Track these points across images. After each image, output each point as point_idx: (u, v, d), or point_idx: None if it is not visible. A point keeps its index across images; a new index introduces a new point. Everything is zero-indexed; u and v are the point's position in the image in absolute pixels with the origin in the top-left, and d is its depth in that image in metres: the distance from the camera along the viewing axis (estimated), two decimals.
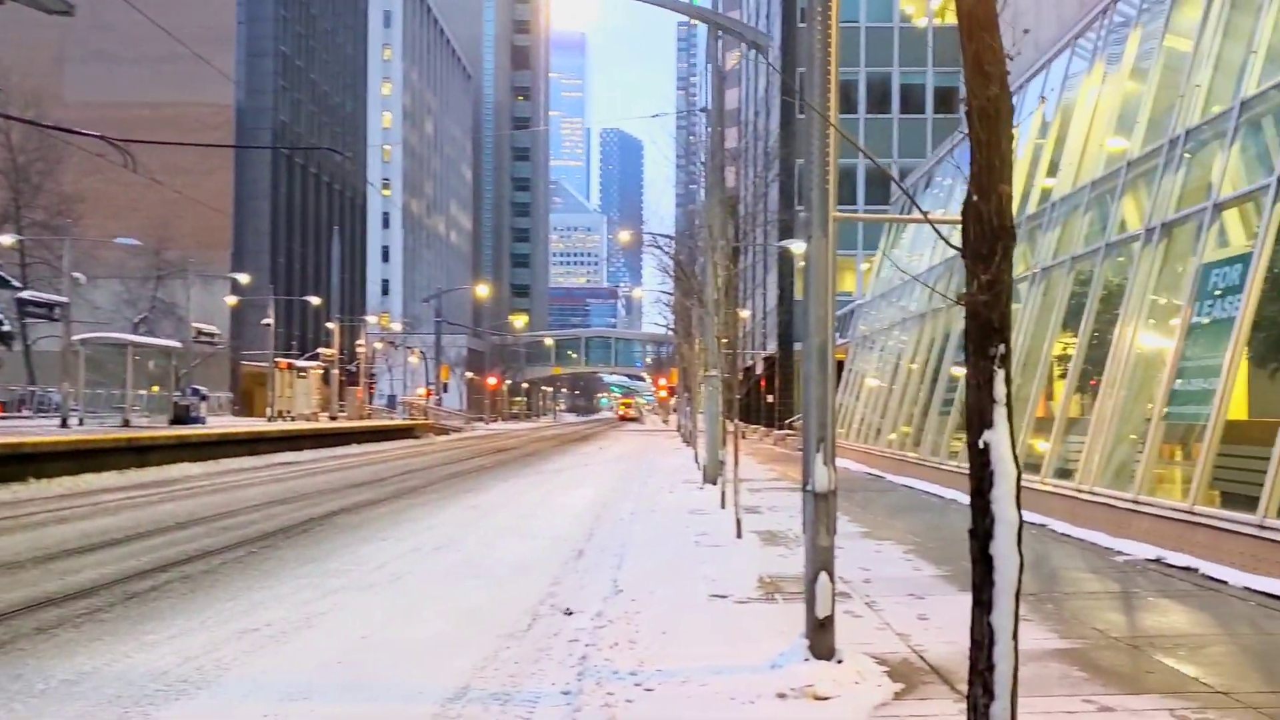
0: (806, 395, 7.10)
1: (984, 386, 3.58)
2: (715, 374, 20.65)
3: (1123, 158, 16.09)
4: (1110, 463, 13.98)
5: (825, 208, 7.02)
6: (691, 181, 47.47)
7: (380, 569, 12.27)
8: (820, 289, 7.03)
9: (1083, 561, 11.77)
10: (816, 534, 6.99)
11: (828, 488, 6.97)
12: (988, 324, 3.55)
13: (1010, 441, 3.65)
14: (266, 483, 25.28)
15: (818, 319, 7.01)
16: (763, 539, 14.06)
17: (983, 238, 3.51)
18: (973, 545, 3.70)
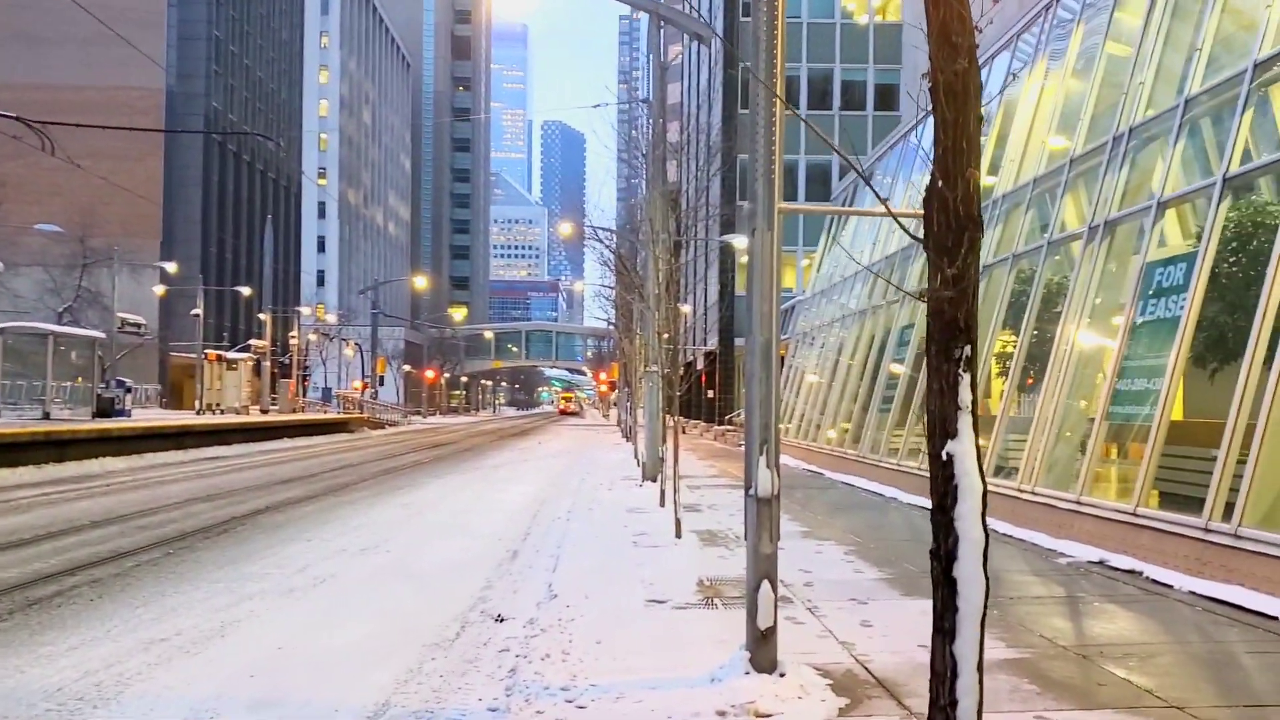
0: (750, 394, 6.75)
1: (947, 392, 3.25)
2: (656, 369, 20.29)
3: (1065, 155, 15.99)
4: (1052, 463, 13.85)
5: (770, 200, 6.68)
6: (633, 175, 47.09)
7: (302, 572, 11.74)
8: (765, 284, 6.69)
9: (1025, 564, 11.59)
10: (759, 540, 6.65)
11: (771, 492, 6.63)
12: (952, 323, 3.21)
13: (976, 453, 3.32)
14: (191, 479, 24.48)
15: (762, 315, 6.67)
16: (702, 539, 13.73)
17: (948, 228, 3.17)
18: (934, 567, 3.35)
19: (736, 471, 27.13)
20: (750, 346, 6.73)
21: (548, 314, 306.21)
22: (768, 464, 6.63)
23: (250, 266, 79.17)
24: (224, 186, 77.63)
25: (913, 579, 10.58)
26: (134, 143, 60.31)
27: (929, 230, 3.25)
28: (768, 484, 6.61)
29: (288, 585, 10.94)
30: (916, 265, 22.98)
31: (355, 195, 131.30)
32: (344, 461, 32.05)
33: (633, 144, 19.65)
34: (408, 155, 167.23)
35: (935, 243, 3.20)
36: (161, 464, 29.47)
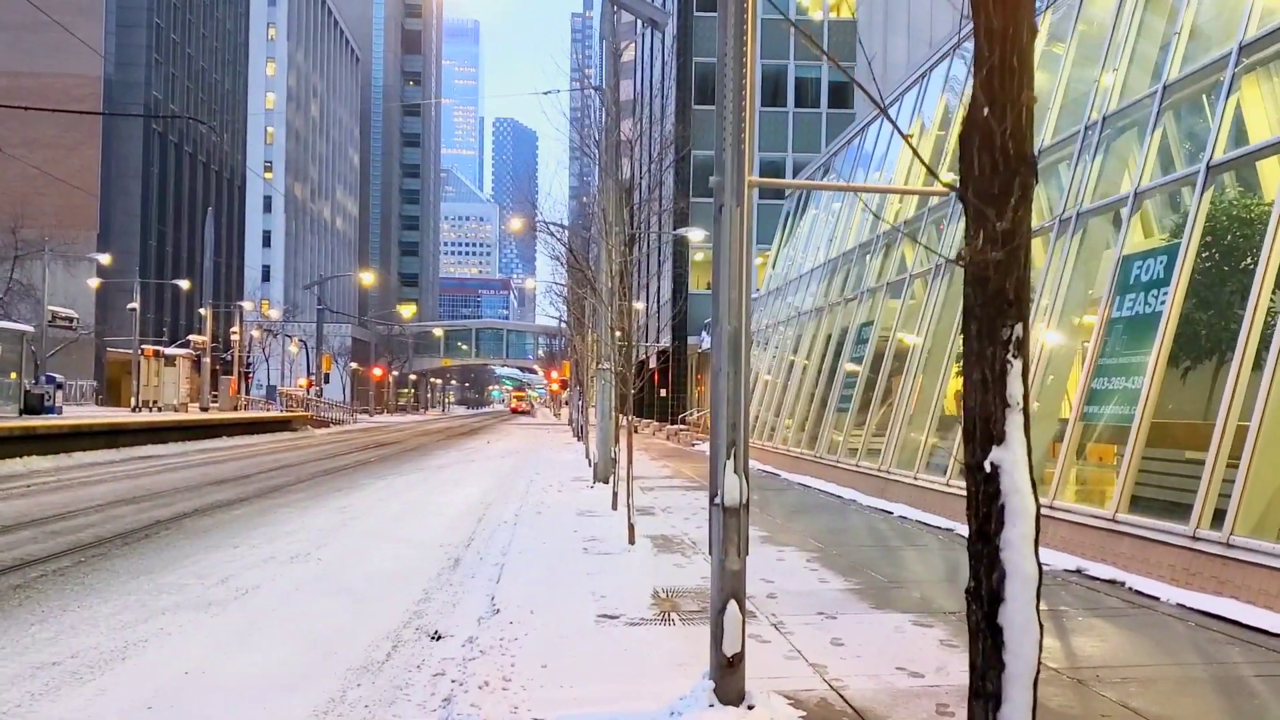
0: (715, 391, 5.98)
1: (992, 383, 2.50)
2: (608, 367, 19.49)
3: None
4: None
5: (739, 172, 5.93)
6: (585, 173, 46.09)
7: (224, 583, 10.81)
8: (733, 267, 5.93)
9: None
10: (725, 555, 5.89)
11: (739, 500, 5.87)
12: (999, 295, 2.47)
13: (1029, 464, 2.57)
14: (119, 479, 23.31)
15: (730, 301, 5.91)
16: (657, 545, 12.97)
17: (993, 171, 2.44)
18: (971, 611, 2.60)
19: (690, 472, 26.40)
20: (716, 337, 5.97)
21: (499, 312, 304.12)
22: (735, 469, 5.88)
23: (192, 260, 77.20)
24: (164, 178, 75.59)
25: (881, 590, 9.90)
26: (70, 131, 58.43)
27: (967, 174, 2.51)
28: (735, 491, 5.85)
29: (206, 598, 10.02)
30: (876, 260, 22.39)
31: (302, 190, 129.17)
32: (283, 461, 30.91)
33: (586, 133, 18.80)
34: (356, 150, 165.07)
35: (978, 189, 2.46)
36: (91, 463, 28.19)
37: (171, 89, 77.39)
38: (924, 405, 17.24)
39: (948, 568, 11.66)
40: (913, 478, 16.38)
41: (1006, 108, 2.44)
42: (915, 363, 17.92)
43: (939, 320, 17.65)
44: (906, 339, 19.33)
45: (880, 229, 22.48)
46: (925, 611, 8.86)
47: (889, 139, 24.23)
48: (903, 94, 24.37)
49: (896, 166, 23.11)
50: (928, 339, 17.70)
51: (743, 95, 5.83)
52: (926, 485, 15.70)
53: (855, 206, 25.80)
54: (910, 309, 19.44)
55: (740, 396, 5.89)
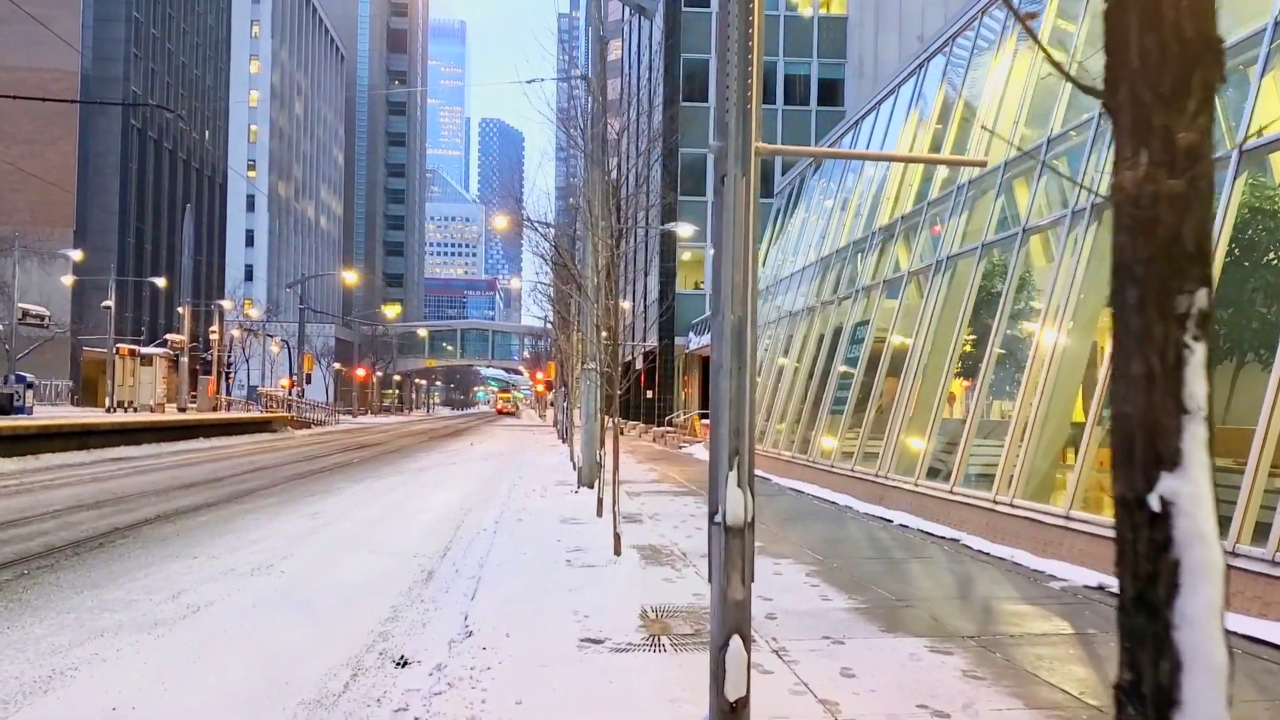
0: (716, 393, 5.17)
1: (1162, 378, 1.69)
2: (594, 366, 18.68)
3: (1044, 134, 14.67)
4: (1034, 472, 12.48)
5: (745, 136, 5.12)
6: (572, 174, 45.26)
7: (175, 599, 9.96)
8: (738, 247, 5.12)
9: (1015, 589, 10.17)
10: (728, 583, 5.08)
11: (744, 519, 5.07)
12: (1173, 243, 1.65)
13: (1213, 499, 1.76)
14: (84, 482, 22.39)
15: (734, 287, 5.10)
16: (644, 556, 12.16)
17: (1161, 60, 1.63)
18: (1129, 717, 1.75)
19: (678, 476, 25.61)
20: (717, 330, 5.16)
21: (484, 313, 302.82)
22: (739, 481, 5.07)
23: (171, 258, 76.04)
24: (143, 175, 74.40)
25: (890, 610, 9.10)
26: (47, 127, 57.30)
27: (1118, 69, 1.69)
28: (740, 508, 5.05)
29: (153, 617, 9.17)
30: (872, 258, 21.65)
31: (286, 188, 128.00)
32: (258, 464, 30.00)
33: (571, 121, 18.00)
34: (341, 149, 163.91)
35: (1139, 88, 1.65)
36: (58, 465, 27.26)
37: (151, 84, 76.22)
38: (924, 408, 16.48)
39: (958, 583, 10.88)
40: (913, 484, 15.61)
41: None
42: (914, 363, 17.16)
43: (939, 319, 16.90)
44: (904, 339, 18.58)
45: (876, 225, 21.73)
46: (940, 635, 8.07)
47: (884, 132, 23.49)
48: (898, 87, 23.67)
49: (889, 171, 22.36)
50: (927, 338, 16.95)
51: (749, 46, 5.03)
52: (928, 492, 14.93)
53: (850, 202, 25.06)
54: (908, 308, 18.69)
55: (745, 398, 5.09)
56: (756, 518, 16.10)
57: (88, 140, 67.77)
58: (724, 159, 5.13)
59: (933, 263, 17.59)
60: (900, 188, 21.18)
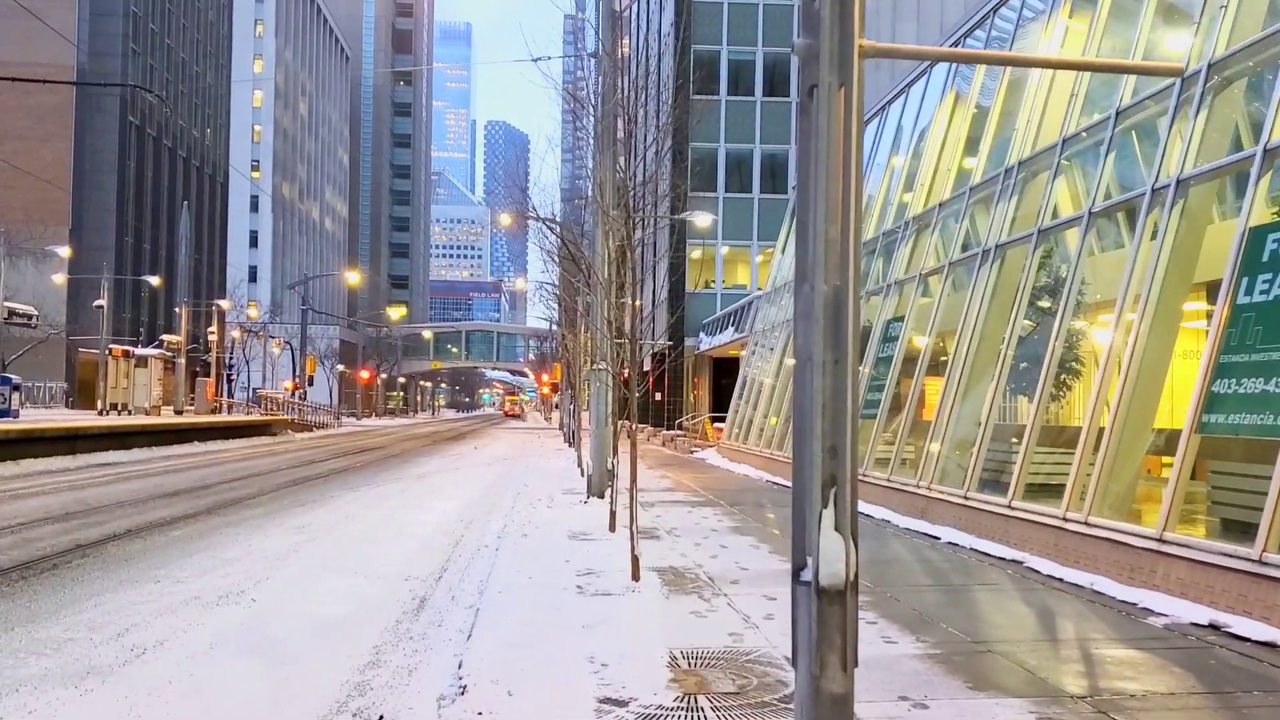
0: (802, 394, 3.64)
1: None
2: (604, 366, 17.19)
3: (1110, 106, 13.13)
4: (1114, 485, 10.93)
5: (846, 28, 3.59)
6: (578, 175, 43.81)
7: (120, 638, 8.46)
8: (832, 187, 3.59)
9: (1109, 627, 8.62)
10: (821, 669, 3.55)
11: (845, 577, 3.54)
12: None
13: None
14: (60, 490, 20.93)
15: (827, 244, 3.57)
16: (666, 581, 10.65)
17: None
18: None
19: (692, 483, 24.10)
20: (804, 305, 3.63)
21: (490, 315, 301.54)
22: (838, 523, 3.55)
23: (170, 258, 74.64)
24: (142, 173, 72.95)
25: (970, 657, 7.55)
26: (41, 124, 55.95)
27: None
28: (839, 562, 3.52)
29: (87, 663, 7.66)
30: (905, 250, 20.12)
31: (290, 189, 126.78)
32: (252, 469, 28.53)
33: (581, 96, 16.52)
34: (346, 150, 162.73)
35: None
36: (39, 472, 25.84)
37: (149, 80, 74.75)
38: (972, 411, 14.94)
39: (1039, 618, 9.35)
40: (961, 496, 14.06)
41: None
42: (959, 363, 15.61)
43: (987, 314, 15.37)
44: (945, 336, 17.05)
45: (909, 215, 20.21)
46: (1043, 695, 6.54)
47: (916, 114, 21.98)
48: (916, 79, 22.25)
49: (929, 139, 20.85)
50: (973, 336, 15.41)
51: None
52: (981, 506, 13.39)
53: (878, 191, 23.55)
54: (950, 303, 17.15)
55: (846, 403, 3.56)
56: (787, 532, 14.54)
57: (84, 137, 66.35)
58: (813, 62, 3.60)
59: (978, 253, 16.06)
60: (936, 175, 19.65)
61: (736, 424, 33.05)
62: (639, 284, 12.35)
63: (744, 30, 50.95)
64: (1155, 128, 12.08)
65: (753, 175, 51.27)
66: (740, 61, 51.56)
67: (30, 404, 55.93)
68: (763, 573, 11.35)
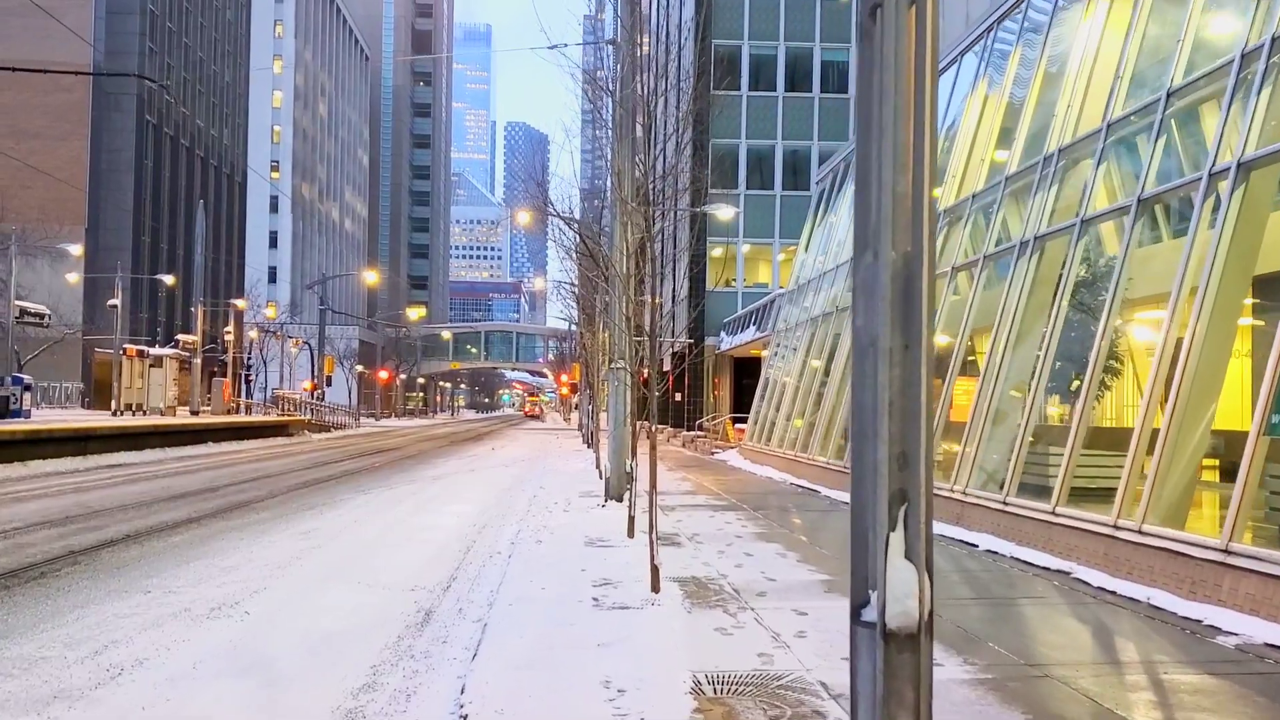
0: (863, 387, 2.92)
1: None
2: (622, 365, 16.50)
3: (1161, 87, 12.34)
4: (1167, 491, 10.15)
5: None
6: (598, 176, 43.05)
7: (97, 656, 7.81)
8: (899, 132, 2.89)
9: (1174, 646, 7.87)
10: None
11: (918, 617, 2.83)
12: None
13: None
14: (64, 493, 20.39)
15: (895, 200, 2.86)
16: (688, 593, 9.95)
17: None
18: None
19: (714, 486, 23.37)
20: (866, 278, 2.90)
21: (510, 316, 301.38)
22: (909, 550, 2.84)
23: (188, 259, 74.36)
24: (159, 172, 72.61)
25: (1028, 684, 6.80)
26: (57, 123, 55.67)
27: None
28: (910, 598, 2.82)
29: (55, 686, 7.02)
30: (936, 242, 19.33)
31: (310, 190, 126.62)
32: (263, 471, 27.96)
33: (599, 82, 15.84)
34: (365, 151, 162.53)
35: None
36: (46, 473, 25.35)
37: (166, 79, 74.47)
38: (1009, 412, 14.18)
39: (1096, 637, 8.59)
40: (1000, 502, 13.29)
41: None
42: (997, 360, 14.84)
43: (1024, 309, 14.60)
44: (980, 333, 16.29)
45: (940, 208, 19.41)
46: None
47: (946, 105, 21.21)
48: (946, 68, 21.51)
49: (960, 129, 20.08)
50: (1012, 331, 14.63)
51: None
52: (1022, 512, 12.61)
53: None
54: (984, 298, 16.38)
55: (921, 400, 2.85)
56: (815, 540, 13.64)
57: (100, 136, 66.06)
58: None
59: (1015, 245, 15.29)
60: (968, 166, 18.88)
61: (758, 425, 32.30)
62: (659, 277, 11.65)
63: (765, 24, 50.16)
64: (1212, 108, 11.30)
65: (774, 172, 50.49)
66: (761, 56, 50.75)
67: (46, 404, 55.70)
68: (791, 584, 10.65)
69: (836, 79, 50.38)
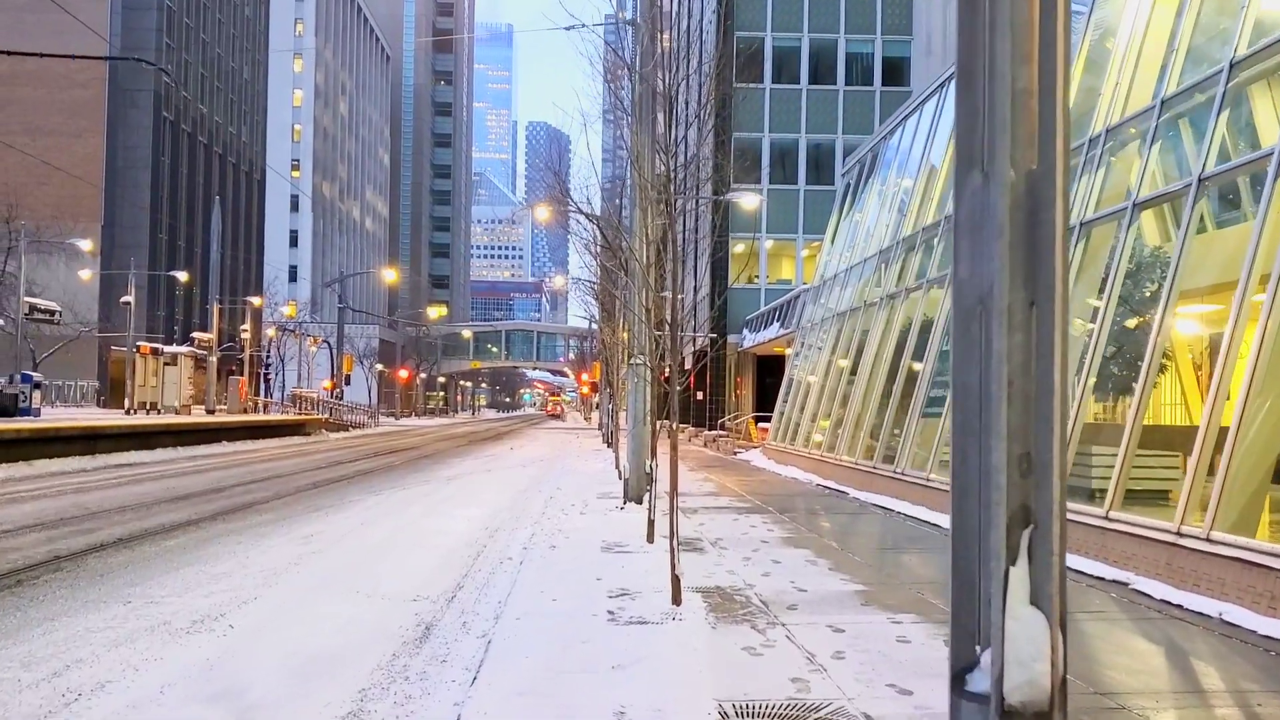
0: (965, 361, 2.09)
1: None
2: (642, 361, 15.67)
3: None
4: (1237, 496, 9.24)
5: None
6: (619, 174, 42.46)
7: (55, 678, 7.04)
8: (1018, 9, 2.05)
9: (1263, 672, 6.97)
10: None
11: (1050, 689, 1.99)
12: None
13: None
14: (64, 493, 19.73)
15: (1013, 100, 2.03)
16: (712, 607, 9.13)
17: None
18: None
19: (737, 487, 22.51)
20: (968, 207, 2.06)
21: (531, 315, 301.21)
22: (1034, 591, 2.00)
23: (206, 257, 73.98)
24: (176, 170, 72.18)
25: (1097, 714, 5.94)
26: (73, 119, 55.26)
27: None
28: (1039, 659, 1.98)
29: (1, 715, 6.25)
30: None
31: (330, 189, 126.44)
32: (274, 471, 27.27)
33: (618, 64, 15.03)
34: (386, 150, 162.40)
35: None
36: (51, 473, 24.74)
37: (184, 75, 74.02)
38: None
39: (1171, 660, 7.68)
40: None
41: None
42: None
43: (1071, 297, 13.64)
44: None
45: None
46: None
47: None
48: None
49: None
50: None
51: None
52: (1070, 517, 11.68)
53: (939, 171, 21.85)
54: None
55: (1054, 379, 2.00)
56: (845, 546, 12.67)
57: (117, 133, 65.64)
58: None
59: (1076, 224, 14.36)
60: None
61: (782, 424, 31.42)
62: (680, 262, 10.80)
63: (789, 15, 49.23)
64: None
65: (798, 166, 49.56)
66: (785, 49, 49.83)
67: (61, 403, 55.34)
68: (824, 595, 9.80)
69: (861, 71, 49.39)
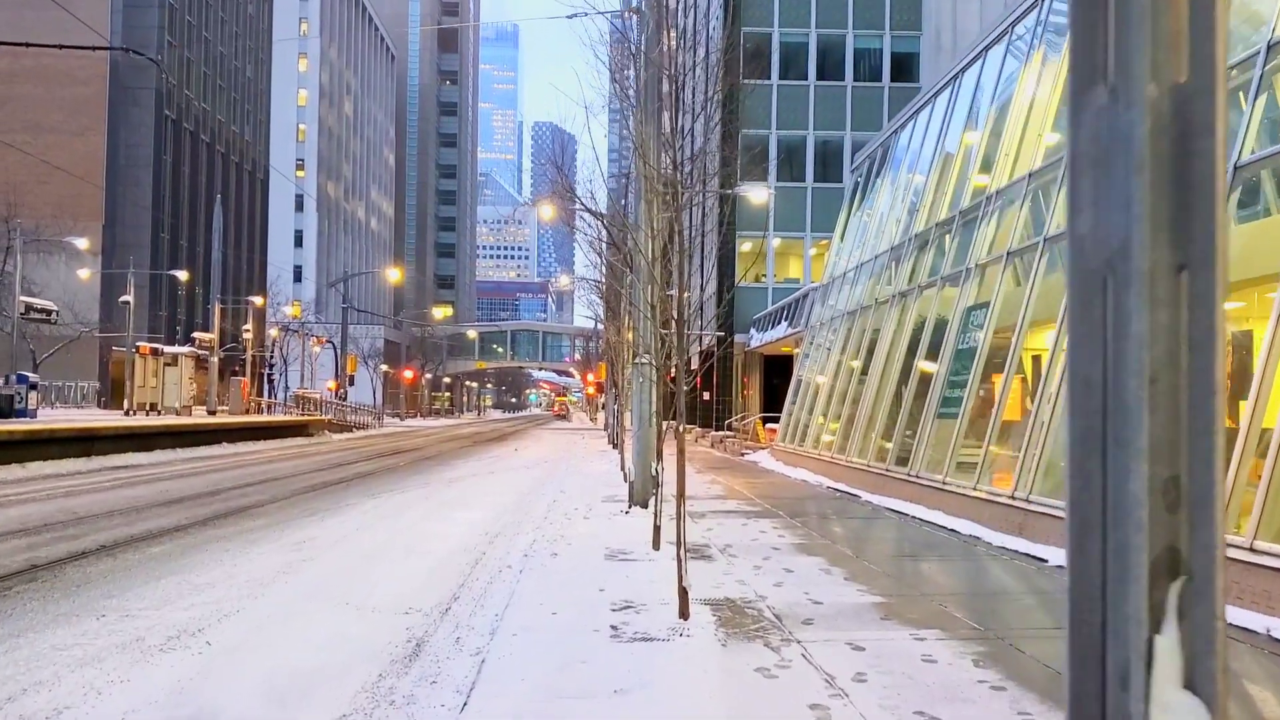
0: (1085, 347, 1.50)
1: None
2: (647, 359, 15.11)
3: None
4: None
5: None
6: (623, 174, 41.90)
7: (8, 703, 6.49)
8: None
9: None
10: None
11: None
12: None
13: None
14: (53, 497, 19.20)
15: (1151, 38, 1.45)
16: (722, 621, 8.56)
17: None
18: None
19: (745, 490, 21.93)
20: (1090, 134, 1.48)
21: (537, 315, 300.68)
22: (1187, 669, 1.40)
23: (209, 256, 73.53)
24: (178, 169, 71.70)
25: None
26: (74, 118, 54.81)
27: None
28: None
29: None
30: (988, 228, 17.86)
31: (335, 189, 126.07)
32: (272, 473, 26.74)
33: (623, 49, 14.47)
34: (391, 150, 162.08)
35: None
36: (44, 475, 24.23)
37: (187, 74, 73.51)
38: None
39: None
40: None
41: None
42: (1062, 353, 13.32)
43: None
44: (1042, 325, 14.79)
45: (993, 189, 17.95)
46: None
47: (969, 105, 19.72)
48: (994, 43, 19.99)
49: (1012, 108, 18.55)
50: None
51: None
52: None
53: (952, 165, 21.27)
54: (1046, 287, 14.87)
55: (1215, 372, 1.41)
56: (861, 554, 11.93)
57: (118, 132, 65.16)
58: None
59: None
60: (1022, 141, 17.37)
61: (791, 425, 30.83)
62: (686, 254, 10.22)
63: (796, 11, 48.63)
64: None
65: (806, 163, 48.93)
66: (793, 44, 49.23)
67: (61, 404, 54.91)
68: (841, 608, 9.22)
69: (869, 67, 48.78)
